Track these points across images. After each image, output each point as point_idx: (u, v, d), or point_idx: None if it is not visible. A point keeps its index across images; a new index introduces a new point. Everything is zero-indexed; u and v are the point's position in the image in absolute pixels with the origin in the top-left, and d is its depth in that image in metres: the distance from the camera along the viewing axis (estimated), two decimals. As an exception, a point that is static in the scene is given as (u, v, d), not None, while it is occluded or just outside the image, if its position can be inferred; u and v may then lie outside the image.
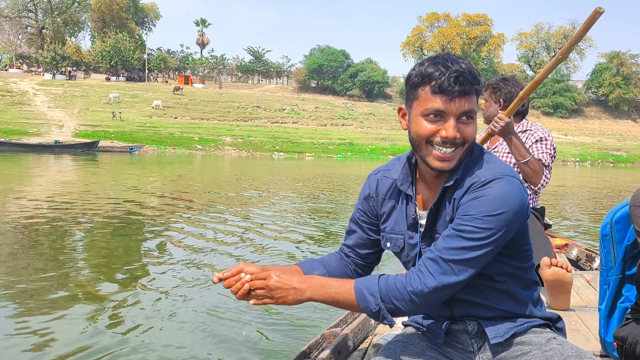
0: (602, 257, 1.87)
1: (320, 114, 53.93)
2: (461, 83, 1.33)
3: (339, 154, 38.88)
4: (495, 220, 1.33)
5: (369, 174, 1.67)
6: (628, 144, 54.89)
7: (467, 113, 1.37)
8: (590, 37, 71.26)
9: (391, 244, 1.59)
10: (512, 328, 1.46)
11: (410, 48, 72.29)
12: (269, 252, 6.46)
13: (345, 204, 11.70)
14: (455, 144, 1.38)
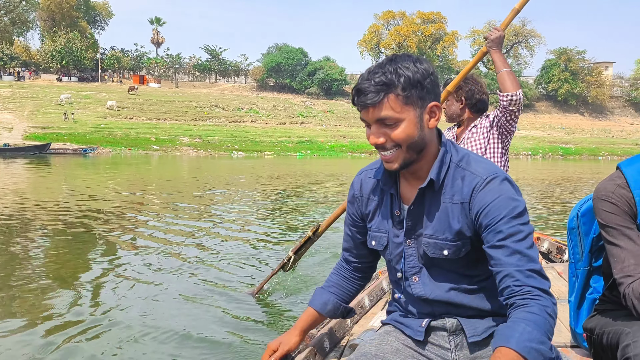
0: (570, 250, 1.91)
1: (279, 113, 53.84)
2: (360, 97, 1.40)
3: (299, 152, 38.94)
4: (524, 208, 1.42)
5: (356, 176, 1.69)
6: (576, 137, 56.89)
7: (383, 120, 1.41)
8: (539, 34, 73.58)
9: (376, 242, 1.63)
10: (490, 328, 1.50)
11: (367, 46, 72.89)
12: (233, 247, 6.50)
13: (309, 200, 11.80)
14: (385, 148, 1.44)
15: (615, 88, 75.28)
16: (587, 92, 69.63)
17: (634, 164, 1.59)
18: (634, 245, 1.53)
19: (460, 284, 1.52)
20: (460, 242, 1.47)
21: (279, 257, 5.86)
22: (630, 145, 52.73)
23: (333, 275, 1.79)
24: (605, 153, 48.57)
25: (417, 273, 1.56)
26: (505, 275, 1.36)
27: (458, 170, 1.49)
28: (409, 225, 1.54)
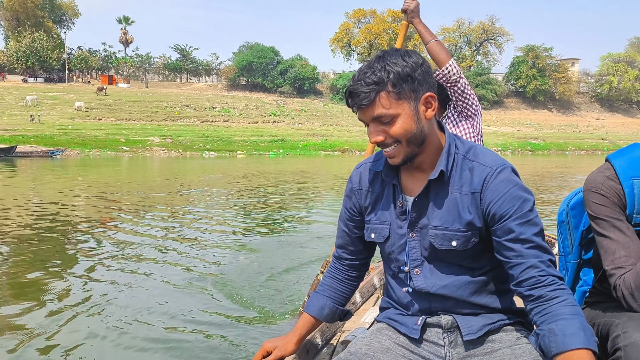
0: (560, 243, 1.92)
1: (252, 112, 53.55)
2: (353, 99, 1.42)
3: (271, 151, 38.82)
4: (534, 201, 1.46)
5: (354, 170, 1.69)
6: (545, 132, 58.01)
7: (378, 118, 1.42)
8: (507, 32, 74.78)
9: (376, 234, 1.60)
10: (486, 326, 1.50)
11: (338, 44, 73.02)
12: (211, 244, 6.47)
13: (283, 197, 11.78)
14: (385, 145, 1.45)
15: (582, 84, 77.03)
16: (555, 88, 71.04)
17: (622, 156, 1.61)
18: (624, 236, 1.54)
19: (462, 277, 1.52)
20: (470, 232, 1.47)
21: (260, 257, 5.86)
22: (596, 140, 54.05)
23: (327, 279, 1.76)
24: (572, 148, 49.67)
25: (418, 266, 1.55)
26: (528, 266, 1.38)
27: (466, 162, 1.49)
28: (414, 217, 1.53)
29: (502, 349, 1.46)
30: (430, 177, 1.48)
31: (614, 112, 73.64)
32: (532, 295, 1.37)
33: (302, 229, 8.14)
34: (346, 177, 16.38)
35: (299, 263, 5.79)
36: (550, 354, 1.29)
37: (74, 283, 4.80)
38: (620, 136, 56.97)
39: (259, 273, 5.35)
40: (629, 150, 1.63)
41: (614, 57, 75.23)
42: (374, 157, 1.65)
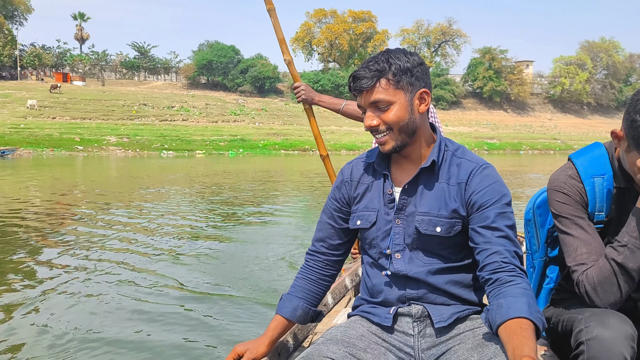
0: (527, 242, 1.96)
1: (211, 111, 53.00)
2: (356, 82, 1.55)
3: (231, 150, 38.54)
4: (510, 195, 1.58)
5: (345, 165, 1.78)
6: (500, 132, 59.45)
7: (376, 102, 1.54)
8: (465, 33, 76.33)
9: (362, 221, 1.66)
10: (455, 313, 1.56)
11: (299, 43, 72.98)
12: (174, 244, 6.40)
13: (244, 196, 11.73)
14: (378, 131, 1.56)
15: (536, 85, 79.30)
16: (510, 90, 72.88)
17: (584, 155, 1.67)
18: (585, 234, 1.59)
19: (440, 265, 1.59)
20: (454, 220, 1.56)
21: (223, 252, 5.78)
22: (549, 140, 55.76)
23: (299, 280, 1.77)
24: (526, 147, 51.07)
25: (400, 251, 1.61)
26: (494, 252, 1.47)
27: (454, 158, 1.61)
28: (401, 204, 1.61)
29: (465, 332, 1.53)
30: (423, 165, 1.59)
31: (566, 113, 76.11)
32: (491, 278, 1.45)
33: (265, 227, 8.12)
34: (308, 176, 16.39)
35: (267, 262, 5.80)
36: (495, 325, 1.36)
37: (32, 281, 4.71)
38: (572, 136, 58.94)
39: (225, 273, 5.34)
40: (590, 150, 1.68)
41: (566, 59, 77.82)
42: (366, 153, 1.75)
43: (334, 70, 69.53)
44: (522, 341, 1.25)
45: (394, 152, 1.59)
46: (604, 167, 1.62)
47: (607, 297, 1.50)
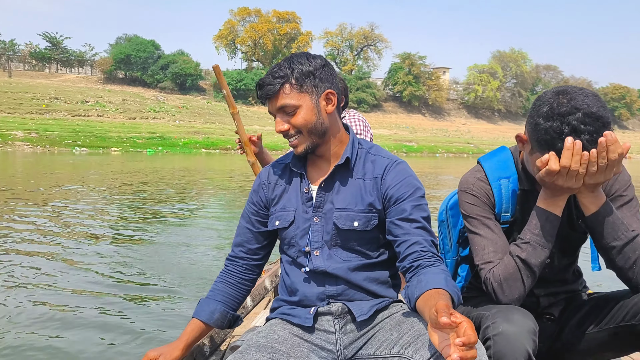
0: (440, 242, 2.03)
1: (129, 107, 50.99)
2: (262, 90, 1.61)
3: (149, 148, 37.31)
4: (423, 188, 1.67)
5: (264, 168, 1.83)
6: (418, 135, 61.50)
7: (283, 108, 1.60)
8: (386, 39, 78.40)
9: (280, 221, 1.70)
10: (374, 306, 1.61)
11: (222, 41, 71.96)
12: (88, 244, 6.11)
13: (162, 195, 11.39)
14: (289, 135, 1.63)
15: (451, 91, 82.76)
16: (428, 95, 75.57)
17: (491, 159, 1.77)
18: (492, 233, 1.67)
19: (358, 261, 1.63)
20: (371, 214, 1.62)
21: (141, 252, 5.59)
22: (463, 144, 58.33)
23: (218, 284, 1.76)
24: (442, 151, 53.14)
25: (319, 248, 1.65)
26: (413, 242, 1.54)
27: (369, 155, 1.69)
28: (318, 202, 1.66)
29: (384, 319, 1.59)
30: (338, 162, 1.66)
31: (479, 119, 80.00)
32: (412, 266, 1.52)
33: (186, 227, 7.97)
34: (229, 175, 16.23)
35: (187, 264, 5.66)
36: (414, 298, 1.42)
37: None
38: (484, 141, 61.99)
39: (143, 273, 5.16)
40: (497, 153, 1.78)
41: (479, 68, 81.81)
42: (284, 156, 1.80)
43: (257, 70, 69.12)
44: (437, 300, 1.29)
45: (307, 153, 1.65)
46: (509, 170, 1.72)
47: (512, 292, 1.57)
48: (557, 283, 1.80)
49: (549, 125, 1.46)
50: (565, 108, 1.44)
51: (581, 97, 1.45)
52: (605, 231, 1.55)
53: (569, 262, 1.82)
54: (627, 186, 1.70)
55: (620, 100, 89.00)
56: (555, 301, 1.81)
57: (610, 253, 1.57)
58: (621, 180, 1.71)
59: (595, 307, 1.69)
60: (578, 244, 1.80)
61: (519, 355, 1.37)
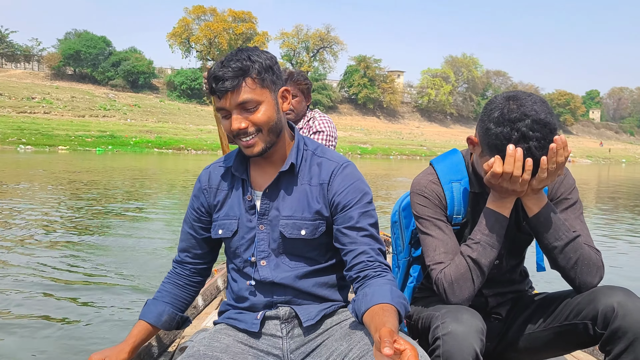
0: (393, 242, 2.04)
1: (78, 104, 49.47)
2: (219, 83, 1.44)
3: (98, 147, 36.30)
4: (370, 191, 1.60)
5: (203, 170, 1.69)
6: (373, 137, 62.22)
7: (243, 103, 1.45)
8: (342, 41, 78.99)
9: (223, 230, 1.60)
10: (322, 310, 1.57)
11: (177, 39, 70.87)
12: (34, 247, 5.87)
13: (111, 195, 11.10)
14: (247, 134, 1.47)
15: (406, 95, 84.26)
16: (383, 97, 76.70)
17: (444, 161, 1.78)
18: (443, 234, 1.68)
19: (306, 269, 1.58)
20: (318, 221, 1.55)
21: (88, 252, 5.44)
22: (416, 146, 59.40)
23: (166, 285, 1.69)
24: (395, 153, 53.96)
25: (265, 257, 1.57)
26: (360, 252, 1.49)
27: (314, 157, 1.60)
28: (263, 209, 1.57)
29: (333, 326, 1.55)
30: (282, 169, 1.55)
31: (432, 122, 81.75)
32: (359, 276, 1.48)
33: (136, 229, 7.74)
34: (181, 175, 15.73)
35: (134, 264, 5.52)
36: (360, 313, 1.39)
37: None
38: (436, 143, 63.34)
39: (89, 273, 5.02)
40: (448, 156, 1.80)
41: (432, 72, 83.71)
42: (224, 157, 1.68)
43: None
44: (383, 319, 1.28)
45: (263, 154, 1.53)
46: (461, 173, 1.74)
47: (462, 292, 1.60)
48: (505, 283, 1.83)
49: (499, 131, 1.49)
50: (515, 114, 1.48)
51: (530, 104, 1.49)
52: (547, 232, 1.60)
53: (516, 263, 1.85)
54: (572, 189, 1.75)
55: (565, 106, 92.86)
56: (502, 301, 1.84)
57: (553, 253, 1.61)
58: (566, 183, 1.75)
59: (540, 307, 1.73)
60: (524, 245, 1.83)
61: (467, 354, 1.39)
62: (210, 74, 1.47)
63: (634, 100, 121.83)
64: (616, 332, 1.45)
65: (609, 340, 1.48)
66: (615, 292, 1.51)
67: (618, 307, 1.46)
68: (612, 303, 1.47)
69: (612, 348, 1.47)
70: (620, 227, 9.43)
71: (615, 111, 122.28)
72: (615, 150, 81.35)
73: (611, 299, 1.49)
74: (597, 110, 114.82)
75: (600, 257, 1.65)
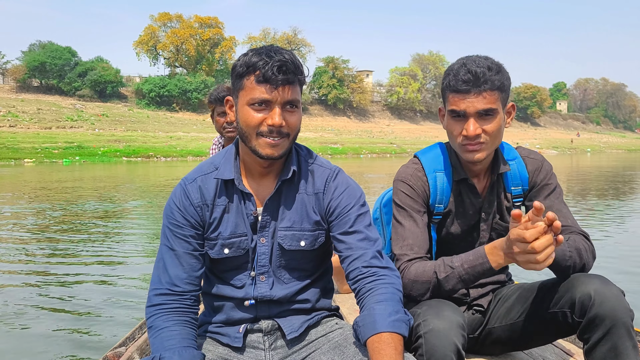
0: None
1: (44, 116, 48.98)
2: (284, 72, 1.37)
3: (65, 158, 36.11)
4: (363, 194, 1.59)
5: (179, 186, 1.53)
6: (343, 137, 62.50)
7: (291, 102, 1.41)
8: (310, 43, 79.41)
9: (232, 249, 1.50)
10: (306, 322, 1.53)
11: (143, 47, 70.43)
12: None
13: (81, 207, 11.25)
14: (281, 133, 1.41)
15: (375, 94, 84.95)
16: (352, 97, 77.11)
17: (428, 153, 1.82)
18: (416, 227, 1.70)
19: (302, 284, 1.54)
20: (317, 232, 1.52)
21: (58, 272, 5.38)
22: (386, 144, 59.98)
23: (176, 327, 1.40)
24: (366, 151, 54.37)
25: (265, 273, 1.52)
26: (355, 258, 1.44)
27: (306, 164, 1.55)
28: (264, 222, 1.50)
29: (319, 338, 1.52)
30: (283, 177, 1.49)
31: (402, 120, 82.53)
32: (355, 288, 1.45)
33: (108, 246, 7.33)
34: (151, 185, 15.58)
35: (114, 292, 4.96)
36: (364, 339, 1.34)
37: None
38: (406, 140, 64.04)
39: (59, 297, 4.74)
40: (432, 148, 1.84)
41: (400, 70, 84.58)
42: (208, 167, 1.54)
43: (181, 76, 68.16)
44: (388, 351, 1.27)
45: (280, 159, 1.47)
46: (444, 163, 1.79)
47: (417, 293, 1.63)
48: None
49: (444, 81, 1.66)
50: (457, 64, 1.63)
51: (475, 58, 1.62)
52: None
53: None
54: (551, 175, 1.80)
55: (532, 99, 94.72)
56: (483, 292, 1.86)
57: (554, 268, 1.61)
58: (544, 170, 1.80)
59: (520, 297, 1.74)
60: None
61: (449, 350, 1.40)
62: (275, 61, 1.38)
63: (599, 91, 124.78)
64: (593, 319, 1.46)
65: (587, 328, 1.48)
66: (592, 279, 1.51)
67: (595, 294, 1.46)
68: (589, 291, 1.48)
69: (590, 336, 1.48)
70: (593, 215, 9.54)
71: (582, 102, 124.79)
72: (581, 140, 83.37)
73: (588, 287, 1.49)
74: (564, 102, 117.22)
75: (589, 240, 1.68)
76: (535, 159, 1.82)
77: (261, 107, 1.39)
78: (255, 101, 1.39)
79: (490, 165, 1.79)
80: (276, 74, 1.36)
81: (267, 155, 1.42)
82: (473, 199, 1.79)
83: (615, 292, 1.47)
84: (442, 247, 1.84)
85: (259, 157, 1.43)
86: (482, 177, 1.81)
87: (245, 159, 1.52)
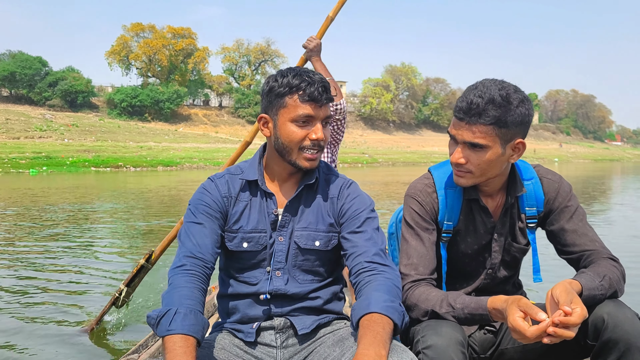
0: (390, 254, 2.02)
1: (12, 126, 48.28)
2: (327, 92, 1.57)
3: (33, 168, 35.74)
4: (373, 203, 1.71)
5: (209, 180, 1.66)
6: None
7: (328, 118, 1.60)
8: (283, 54, 79.88)
9: (250, 243, 1.61)
10: (317, 320, 1.61)
11: (116, 57, 70.00)
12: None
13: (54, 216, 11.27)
14: (320, 146, 1.58)
15: (349, 104, 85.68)
16: (326, 108, 77.66)
17: (441, 168, 1.78)
18: (422, 246, 1.70)
19: (314, 285, 1.64)
20: (331, 233, 1.64)
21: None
22: (358, 154, 60.32)
23: (192, 290, 1.43)
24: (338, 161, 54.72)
25: (281, 269, 1.62)
26: (358, 254, 1.54)
27: (324, 174, 1.71)
28: (283, 222, 1.63)
29: (326, 335, 1.60)
30: (306, 182, 1.64)
31: (375, 130, 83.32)
32: (356, 283, 1.51)
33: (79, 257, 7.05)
34: (120, 195, 15.39)
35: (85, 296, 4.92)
36: (354, 322, 1.40)
37: None
38: (378, 150, 64.65)
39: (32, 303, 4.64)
40: (446, 163, 1.77)
41: (373, 81, 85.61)
42: (236, 170, 1.70)
43: (153, 86, 67.93)
44: (367, 340, 1.30)
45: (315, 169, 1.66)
46: None
47: (416, 315, 1.62)
48: (498, 294, 1.66)
49: (456, 105, 1.61)
50: (471, 86, 1.61)
51: (488, 84, 1.56)
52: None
53: (511, 274, 1.85)
54: (570, 196, 1.74)
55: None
56: None
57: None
58: (562, 192, 1.74)
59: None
60: (520, 255, 1.82)
61: None
62: (314, 80, 1.55)
63: (570, 102, 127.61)
64: (607, 343, 1.43)
65: (601, 352, 1.46)
66: (605, 302, 1.48)
67: (608, 318, 1.44)
68: (602, 314, 1.45)
69: (603, 359, 1.45)
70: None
71: (553, 112, 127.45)
72: (549, 150, 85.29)
73: (601, 310, 1.46)
74: (535, 113, 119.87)
75: (618, 263, 1.63)
76: (552, 180, 1.77)
77: (304, 123, 1.56)
78: (300, 118, 1.55)
79: (506, 185, 1.76)
80: (321, 94, 1.54)
81: (307, 167, 1.60)
82: (485, 218, 1.77)
83: (629, 315, 1.44)
84: (452, 266, 1.82)
85: (298, 168, 1.61)
86: (495, 197, 1.77)
87: (271, 166, 1.69)
